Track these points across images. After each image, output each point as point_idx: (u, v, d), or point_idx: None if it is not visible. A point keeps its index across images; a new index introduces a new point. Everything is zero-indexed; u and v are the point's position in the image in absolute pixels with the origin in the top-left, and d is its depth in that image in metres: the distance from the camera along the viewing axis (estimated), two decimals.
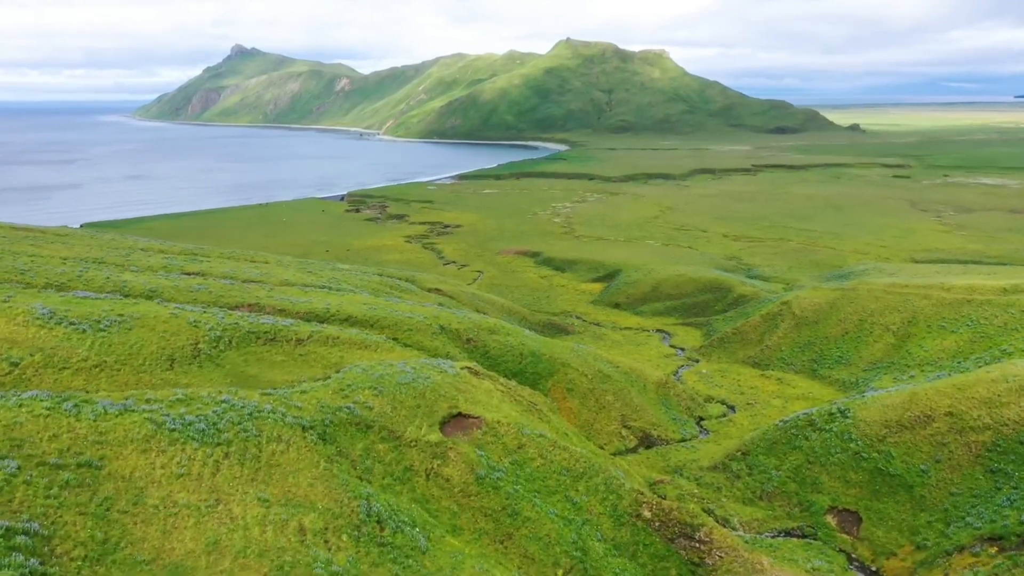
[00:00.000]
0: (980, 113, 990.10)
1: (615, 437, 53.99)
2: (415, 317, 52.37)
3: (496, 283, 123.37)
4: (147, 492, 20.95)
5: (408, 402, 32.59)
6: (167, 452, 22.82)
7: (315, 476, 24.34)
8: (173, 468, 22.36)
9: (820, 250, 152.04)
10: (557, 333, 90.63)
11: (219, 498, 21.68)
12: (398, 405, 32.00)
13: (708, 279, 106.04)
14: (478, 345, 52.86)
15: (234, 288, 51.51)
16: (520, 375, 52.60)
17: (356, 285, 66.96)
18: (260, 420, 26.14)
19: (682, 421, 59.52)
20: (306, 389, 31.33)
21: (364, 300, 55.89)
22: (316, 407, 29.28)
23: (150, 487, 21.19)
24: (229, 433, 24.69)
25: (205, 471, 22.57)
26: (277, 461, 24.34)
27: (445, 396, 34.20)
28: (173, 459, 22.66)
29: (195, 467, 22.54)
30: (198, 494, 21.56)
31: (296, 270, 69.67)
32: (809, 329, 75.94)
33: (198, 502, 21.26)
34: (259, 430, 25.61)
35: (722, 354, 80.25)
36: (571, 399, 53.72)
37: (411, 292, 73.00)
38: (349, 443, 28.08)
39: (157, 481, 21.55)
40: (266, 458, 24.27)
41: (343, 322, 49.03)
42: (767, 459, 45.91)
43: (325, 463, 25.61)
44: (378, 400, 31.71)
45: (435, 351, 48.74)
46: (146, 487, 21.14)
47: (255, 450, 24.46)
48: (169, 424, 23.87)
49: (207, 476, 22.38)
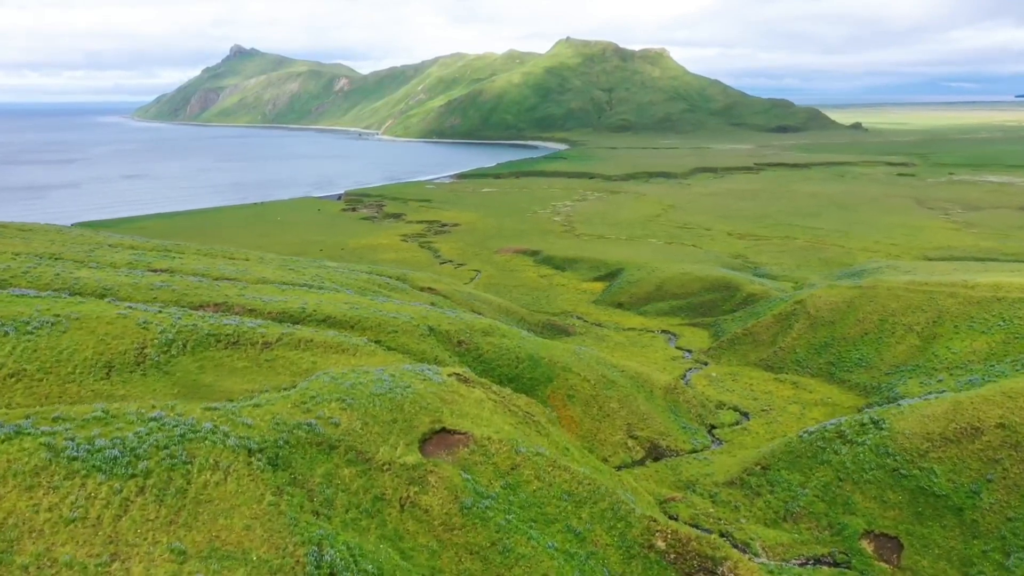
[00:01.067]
0: (981, 112, 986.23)
1: (620, 448, 49.30)
2: (401, 317, 47.77)
3: (494, 282, 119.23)
4: (19, 546, 16.12)
5: (383, 416, 27.91)
6: (60, 489, 18.00)
7: (255, 515, 19.58)
8: (64, 511, 17.49)
9: (828, 248, 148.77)
10: (557, 334, 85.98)
11: (117, 552, 16.80)
12: (371, 420, 27.33)
13: (715, 277, 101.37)
14: (470, 348, 48.23)
15: (202, 286, 46.94)
16: (516, 381, 47.93)
17: (341, 283, 62.36)
18: (194, 443, 21.44)
19: (692, 430, 54.79)
20: (261, 402, 26.63)
21: (346, 299, 51.28)
22: (270, 424, 24.63)
23: (25, 539, 16.36)
24: (150, 461, 19.90)
25: (107, 514, 17.74)
26: (208, 496, 19.60)
27: (428, 408, 29.53)
28: (66, 498, 17.81)
29: (94, 508, 17.70)
30: (89, 547, 16.70)
31: (277, 267, 65.10)
32: (825, 329, 71.20)
33: (86, 558, 16.38)
34: (191, 456, 20.93)
35: (732, 356, 75.54)
36: (572, 407, 49.04)
37: (402, 291, 68.35)
38: (307, 468, 23.39)
39: (37, 530, 16.71)
40: (194, 493, 19.54)
41: (320, 323, 44.43)
42: (791, 475, 41.21)
43: (272, 496, 20.86)
44: (347, 414, 27.01)
45: (422, 355, 44.13)
46: (19, 539, 16.29)
47: (181, 482, 19.72)
48: (71, 451, 19.09)
49: (108, 521, 17.55)
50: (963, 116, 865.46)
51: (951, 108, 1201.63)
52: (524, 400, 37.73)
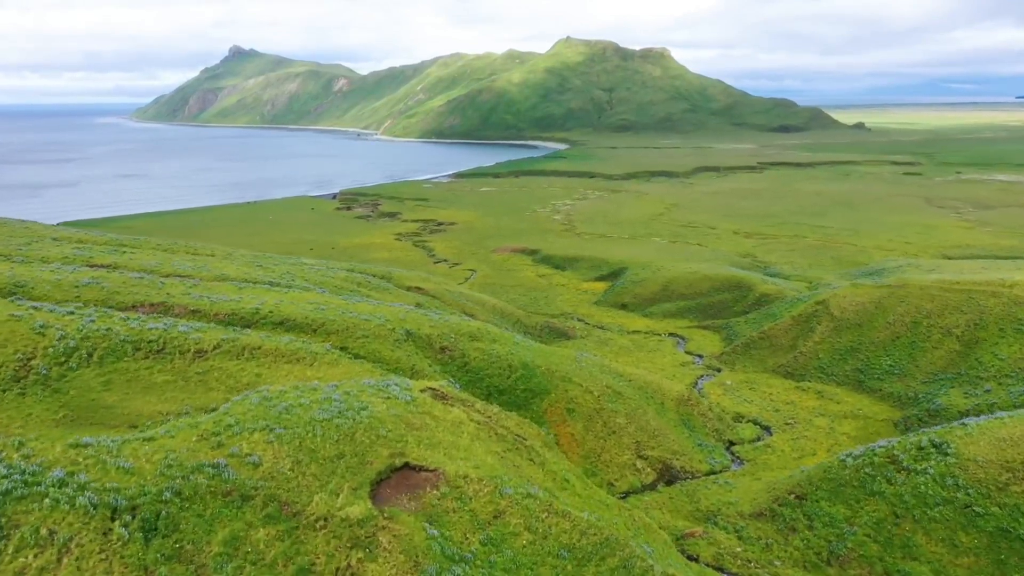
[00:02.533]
0: (983, 113, 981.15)
1: (628, 470, 42.64)
2: (374, 320, 41.23)
3: (490, 282, 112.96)
4: None
5: (324, 450, 21.30)
6: None
7: None
8: None
9: (840, 246, 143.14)
10: (556, 337, 79.41)
11: None
12: (306, 456, 20.70)
13: (725, 277, 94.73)
14: (455, 355, 41.67)
15: (141, 284, 40.42)
16: (508, 393, 41.33)
17: (315, 282, 55.86)
18: (24, 503, 14.96)
19: (709, 447, 48.12)
20: (156, 434, 19.99)
21: (314, 299, 44.73)
22: (159, 467, 18.07)
23: None
24: None
25: None
26: None
27: (387, 437, 22.96)
28: None
29: None
30: None
31: (244, 264, 58.57)
32: (851, 333, 64.51)
33: None
34: (14, 524, 14.47)
35: (748, 362, 68.85)
36: (572, 423, 42.41)
37: (384, 290, 61.77)
38: (202, 532, 16.82)
39: None
40: None
41: (276, 326, 37.90)
42: (833, 507, 34.60)
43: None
44: (272, 449, 20.38)
45: (396, 364, 37.59)
46: None
47: None
48: None
49: None
50: (965, 116, 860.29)
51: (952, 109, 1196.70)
52: (515, 420, 31.20)
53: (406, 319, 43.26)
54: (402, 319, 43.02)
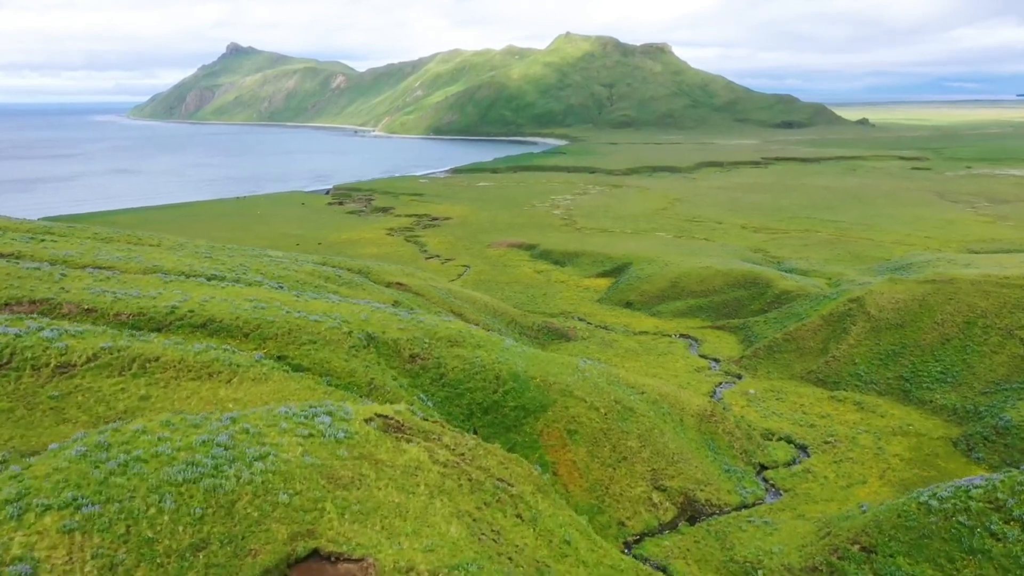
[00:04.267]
0: (985, 110, 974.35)
1: (643, 505, 34.54)
2: (328, 321, 33.23)
3: (485, 278, 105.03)
4: None
5: (171, 539, 13.05)
6: None
7: None
8: None
9: (857, 241, 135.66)
10: (555, 339, 71.37)
11: None
12: (132, 555, 12.47)
13: (740, 272, 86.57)
14: (428, 364, 33.66)
15: (33, 276, 32.45)
16: (495, 412, 33.29)
17: (273, 276, 47.84)
18: None
19: (738, 473, 39.97)
20: None
21: (256, 295, 36.68)
22: None
23: None
24: None
25: None
26: None
27: (291, 506, 14.98)
28: None
29: None
30: None
31: (191, 255, 50.48)
32: (892, 334, 56.35)
33: None
34: None
35: (772, 367, 60.70)
36: (574, 447, 34.33)
37: (357, 287, 53.65)
38: None
39: None
40: None
41: (195, 330, 29.93)
42: (916, 566, 26.51)
43: None
44: (66, 546, 12.08)
45: (348, 378, 29.59)
46: None
47: None
48: None
49: None
50: (967, 114, 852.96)
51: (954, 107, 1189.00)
52: (498, 456, 23.18)
53: (369, 320, 35.21)
54: (364, 320, 34.98)
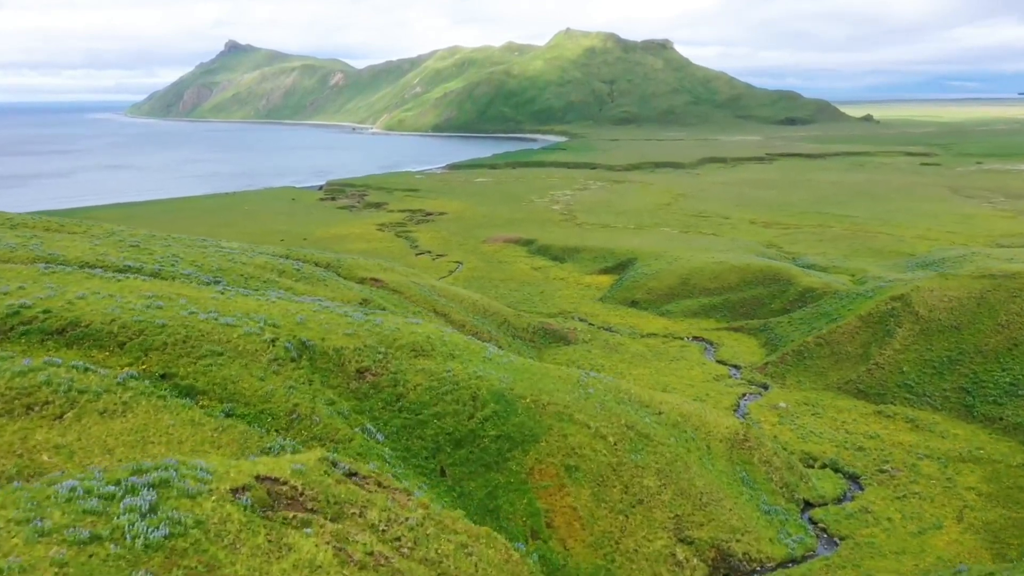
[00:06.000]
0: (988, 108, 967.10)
1: (664, 565, 26.53)
2: (246, 325, 25.23)
3: (478, 275, 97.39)
4: None
5: None
6: None
7: None
8: None
9: (875, 236, 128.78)
10: (553, 342, 63.41)
11: None
12: None
13: (758, 268, 78.72)
14: (381, 382, 25.67)
15: None
16: (470, 444, 25.36)
17: (210, 268, 39.96)
18: None
19: (780, 515, 31.92)
20: None
21: (163, 291, 28.65)
22: None
23: None
24: None
25: None
26: None
27: None
28: None
29: None
30: None
31: (109, 244, 42.55)
32: (946, 338, 48.36)
33: None
34: None
35: (803, 375, 52.74)
36: (574, 489, 26.31)
37: (319, 282, 45.72)
38: None
39: None
40: None
41: (47, 337, 21.74)
42: None
43: None
44: None
45: (263, 404, 21.66)
46: None
47: None
48: None
49: None
50: (971, 112, 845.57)
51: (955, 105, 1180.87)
52: (459, 536, 15.29)
53: (307, 322, 27.23)
54: (299, 323, 27.00)
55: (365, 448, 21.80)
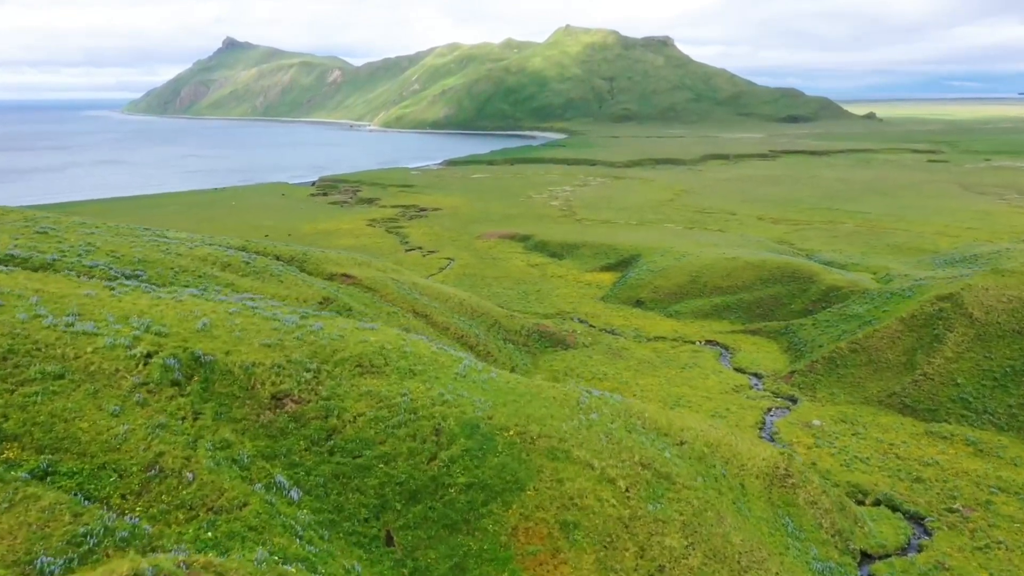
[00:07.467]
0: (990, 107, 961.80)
1: None
2: (109, 335, 18.23)
3: (470, 272, 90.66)
4: None
5: None
6: None
7: None
8: None
9: (892, 232, 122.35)
10: (549, 346, 56.50)
11: None
12: None
13: (775, 264, 71.82)
14: (307, 412, 18.52)
15: None
16: (430, 497, 18.37)
17: (130, 260, 33.21)
18: None
19: (833, 573, 24.65)
20: None
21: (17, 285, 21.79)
22: None
23: None
24: None
25: None
26: None
27: None
28: None
29: None
30: None
31: (7, 232, 35.53)
32: (1008, 344, 41.50)
33: None
34: None
35: (836, 387, 45.81)
36: (573, 556, 19.34)
37: (272, 277, 38.82)
38: None
39: None
40: None
41: None
42: None
43: None
44: None
45: (109, 454, 14.68)
46: None
47: None
48: None
49: None
50: (973, 111, 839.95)
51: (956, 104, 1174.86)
52: None
53: (211, 329, 20.17)
54: (200, 330, 19.88)
55: (265, 517, 14.95)
